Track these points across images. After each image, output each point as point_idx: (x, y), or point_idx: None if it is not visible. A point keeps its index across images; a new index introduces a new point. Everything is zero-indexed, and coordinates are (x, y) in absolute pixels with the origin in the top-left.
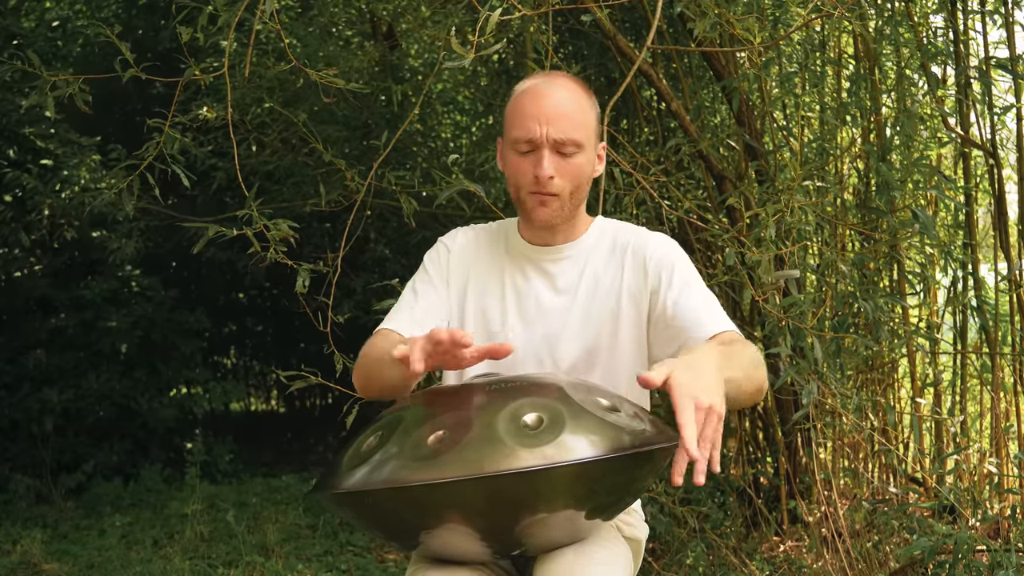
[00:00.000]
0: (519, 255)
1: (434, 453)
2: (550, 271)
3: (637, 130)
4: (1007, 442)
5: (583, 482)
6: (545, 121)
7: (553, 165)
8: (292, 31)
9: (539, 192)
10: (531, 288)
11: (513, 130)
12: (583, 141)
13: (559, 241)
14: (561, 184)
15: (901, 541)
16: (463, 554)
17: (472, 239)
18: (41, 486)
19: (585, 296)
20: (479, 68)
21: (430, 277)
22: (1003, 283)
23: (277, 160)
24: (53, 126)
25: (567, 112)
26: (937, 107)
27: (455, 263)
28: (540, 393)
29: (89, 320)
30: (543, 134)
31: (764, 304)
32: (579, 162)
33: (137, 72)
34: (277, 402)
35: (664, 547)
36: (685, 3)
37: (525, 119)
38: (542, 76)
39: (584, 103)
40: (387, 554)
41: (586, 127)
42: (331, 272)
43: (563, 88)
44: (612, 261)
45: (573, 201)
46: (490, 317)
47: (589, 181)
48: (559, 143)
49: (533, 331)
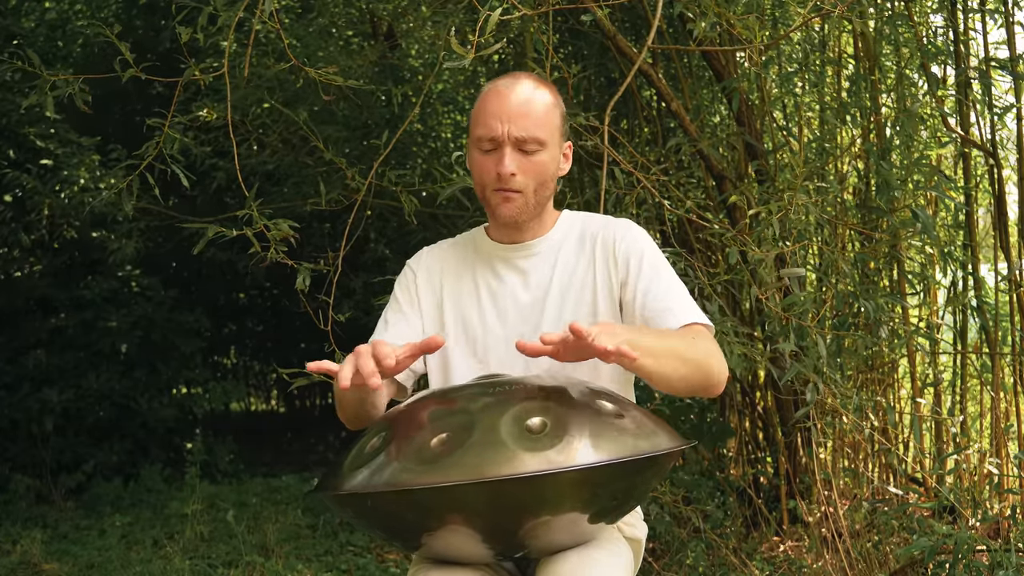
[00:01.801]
0: (489, 257)
1: (436, 456)
2: (522, 268)
3: (637, 130)
4: (1007, 442)
5: (586, 487)
6: (507, 119)
7: (515, 162)
8: (292, 32)
9: (502, 189)
10: (505, 288)
11: (477, 128)
12: (545, 139)
13: (528, 237)
14: (524, 181)
15: (901, 541)
16: (466, 556)
17: (438, 255)
18: (41, 486)
19: (559, 290)
20: (479, 68)
21: (400, 305)
22: (1003, 283)
23: (277, 160)
24: (53, 126)
25: (528, 110)
26: (937, 107)
27: (423, 284)
28: (545, 396)
29: (89, 320)
30: (505, 132)
31: (766, 303)
32: (542, 160)
33: (137, 72)
34: (277, 402)
35: (664, 547)
36: (685, 3)
37: (488, 118)
38: (507, 77)
39: (547, 102)
40: (387, 554)
41: (548, 125)
42: (331, 271)
43: (526, 87)
44: (582, 253)
45: (537, 198)
46: (469, 322)
47: (554, 179)
48: (521, 140)
49: (512, 329)
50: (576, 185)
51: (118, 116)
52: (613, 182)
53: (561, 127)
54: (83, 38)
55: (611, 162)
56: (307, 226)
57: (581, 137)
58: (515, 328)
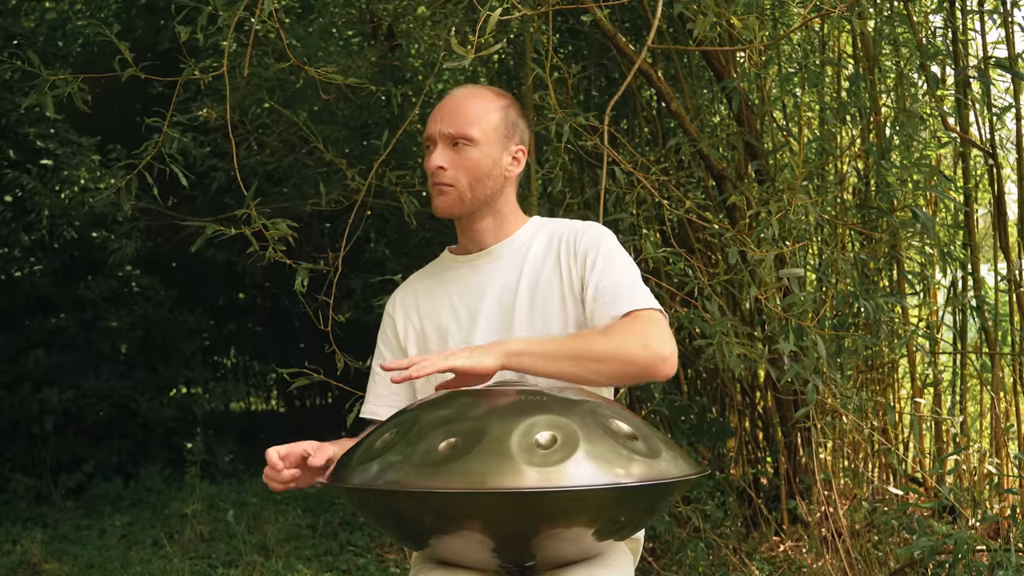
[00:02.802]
0: (457, 269)
1: (442, 460)
2: (489, 273)
3: (637, 130)
4: (1007, 442)
5: (590, 507)
6: (440, 119)
7: (445, 157)
8: (292, 32)
9: (436, 183)
10: (475, 295)
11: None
12: (477, 137)
13: (490, 242)
14: (454, 175)
15: (901, 541)
16: (471, 561)
17: (410, 289)
18: (41, 486)
19: (527, 291)
20: (479, 68)
21: (384, 357)
22: (1003, 283)
23: (277, 161)
24: (53, 126)
25: (461, 109)
26: (936, 107)
27: (401, 322)
28: (559, 411)
29: (89, 320)
30: (436, 129)
31: (766, 303)
32: (472, 156)
33: (136, 72)
34: (277, 402)
35: (664, 547)
36: (685, 3)
37: (429, 121)
38: (460, 86)
39: (485, 104)
40: (387, 554)
41: (482, 124)
42: (331, 272)
43: (466, 91)
44: (549, 254)
45: (474, 194)
46: (450, 336)
47: (493, 177)
48: (451, 136)
49: (490, 334)
50: (576, 185)
51: (118, 116)
52: (613, 182)
53: (503, 129)
54: (83, 38)
55: (611, 162)
56: (307, 226)
57: (581, 137)
58: (493, 333)
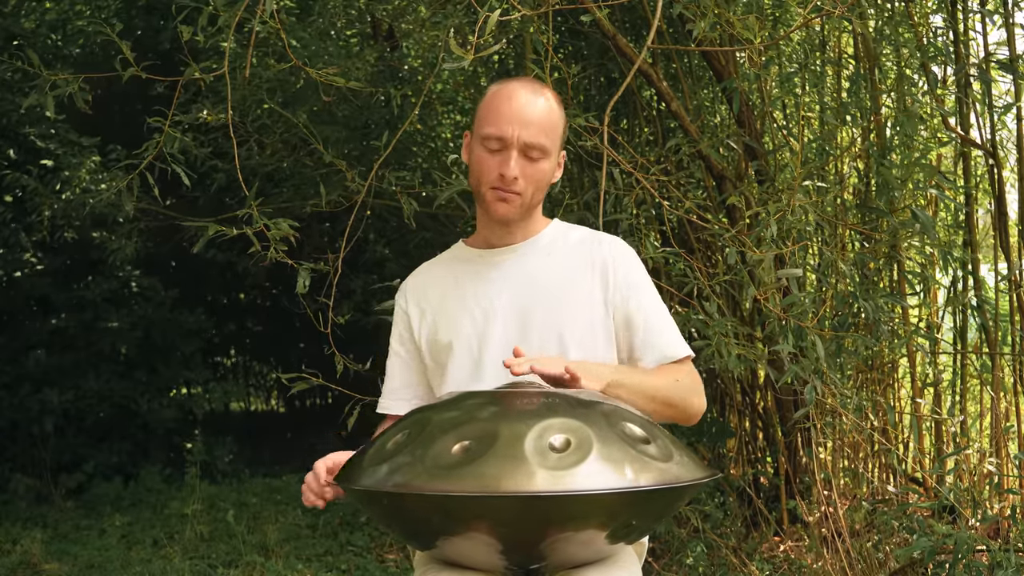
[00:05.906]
0: (474, 264)
1: (455, 464)
2: (509, 269)
3: (637, 130)
4: (1007, 442)
5: (603, 511)
6: (518, 124)
7: (519, 167)
8: (292, 32)
9: (501, 189)
10: (493, 290)
11: (485, 127)
12: (550, 148)
13: (517, 239)
14: (524, 185)
15: (901, 541)
16: (478, 563)
17: (422, 276)
18: (41, 486)
19: (552, 291)
20: (479, 68)
21: (395, 350)
22: (1003, 283)
23: (277, 161)
24: (53, 126)
25: (539, 118)
26: (937, 107)
27: (413, 309)
28: (572, 415)
29: (89, 320)
30: (514, 135)
31: (765, 303)
32: (543, 167)
33: (137, 72)
34: (277, 402)
35: (664, 547)
36: (685, 3)
37: (499, 118)
38: (520, 80)
39: (555, 112)
40: (387, 554)
41: (554, 135)
42: (331, 273)
43: (538, 95)
44: (576, 259)
45: (534, 201)
46: (461, 329)
47: (548, 186)
48: (528, 146)
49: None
50: (576, 185)
51: (118, 116)
52: (613, 182)
53: (562, 137)
54: (83, 38)
55: (611, 162)
56: (307, 227)
57: (581, 137)
58: (510, 328)
